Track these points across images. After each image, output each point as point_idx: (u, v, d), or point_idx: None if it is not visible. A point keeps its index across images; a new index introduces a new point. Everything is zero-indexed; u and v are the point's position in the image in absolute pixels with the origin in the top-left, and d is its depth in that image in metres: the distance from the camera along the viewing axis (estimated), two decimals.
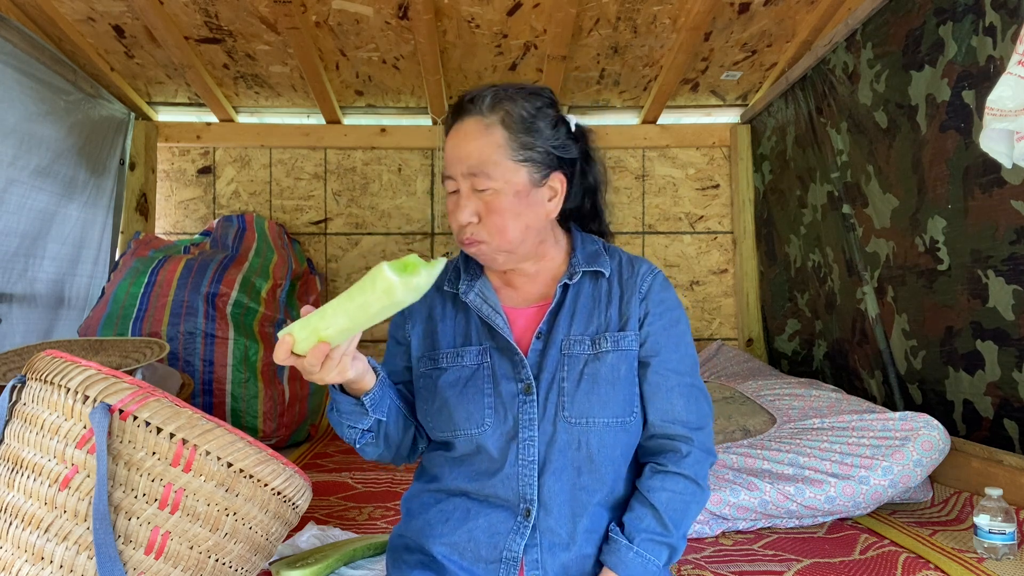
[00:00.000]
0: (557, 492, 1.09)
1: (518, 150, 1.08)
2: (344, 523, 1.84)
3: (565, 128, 1.15)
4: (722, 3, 2.71)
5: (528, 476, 1.08)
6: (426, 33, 2.82)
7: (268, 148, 3.68)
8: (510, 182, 1.07)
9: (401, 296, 0.89)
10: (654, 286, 1.16)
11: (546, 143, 1.10)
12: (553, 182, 1.12)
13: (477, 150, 1.07)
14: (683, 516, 1.09)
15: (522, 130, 1.08)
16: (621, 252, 1.23)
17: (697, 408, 1.13)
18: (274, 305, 3.00)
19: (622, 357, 1.11)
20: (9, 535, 0.95)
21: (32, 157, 2.66)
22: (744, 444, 2.01)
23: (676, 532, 1.08)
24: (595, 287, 1.16)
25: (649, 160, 3.72)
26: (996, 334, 1.89)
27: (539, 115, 1.11)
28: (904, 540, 1.69)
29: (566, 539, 1.09)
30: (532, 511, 1.08)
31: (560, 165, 1.13)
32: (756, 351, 3.57)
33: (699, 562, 1.60)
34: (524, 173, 1.08)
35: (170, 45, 2.91)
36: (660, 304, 1.15)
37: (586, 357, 1.11)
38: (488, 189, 1.07)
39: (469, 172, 1.07)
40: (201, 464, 0.97)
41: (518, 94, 1.11)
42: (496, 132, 1.07)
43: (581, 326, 1.13)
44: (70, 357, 1.01)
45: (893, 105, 2.26)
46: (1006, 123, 1.40)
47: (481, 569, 1.09)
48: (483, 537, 1.10)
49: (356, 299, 0.90)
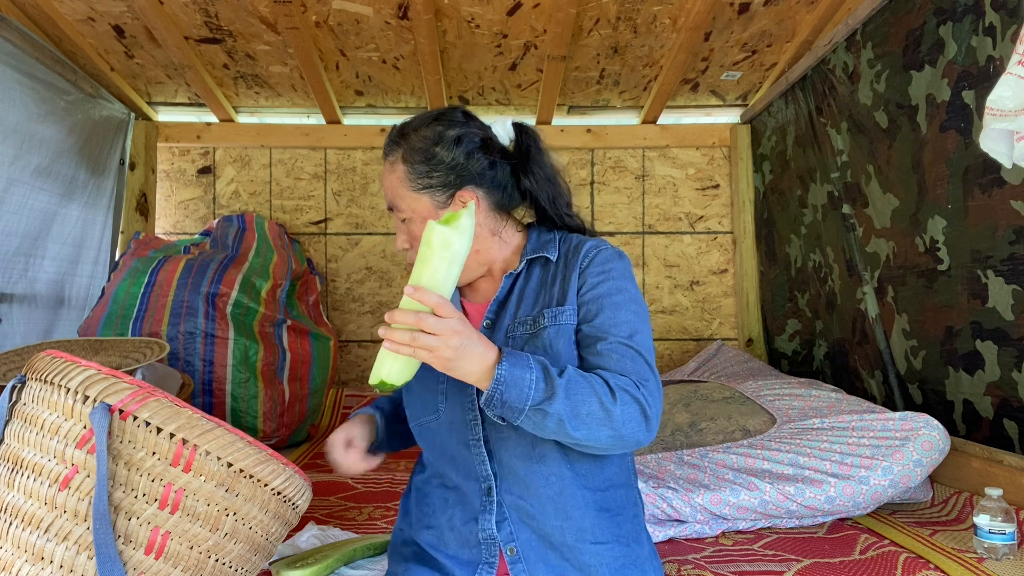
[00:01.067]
0: (513, 467, 1.13)
1: (415, 180, 1.18)
2: (344, 523, 1.84)
3: (466, 144, 1.19)
4: (722, 3, 2.71)
5: (479, 454, 1.14)
6: (426, 33, 2.82)
7: (268, 148, 3.68)
8: (416, 211, 1.18)
9: (457, 241, 0.98)
10: (596, 259, 1.18)
11: (444, 166, 1.18)
12: (462, 198, 1.19)
13: (389, 187, 1.21)
14: (576, 393, 1.01)
15: (417, 160, 1.18)
16: (580, 238, 1.24)
17: (634, 366, 1.07)
18: (274, 305, 3.00)
19: (559, 331, 1.13)
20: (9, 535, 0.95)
21: (33, 157, 2.66)
22: (744, 444, 2.02)
23: (561, 394, 1.00)
24: (544, 272, 1.21)
25: (649, 160, 3.72)
26: (996, 334, 1.89)
27: (434, 141, 1.18)
28: (904, 540, 1.69)
29: (534, 511, 1.12)
30: (492, 487, 1.13)
31: (467, 181, 1.19)
32: (756, 351, 3.57)
33: (699, 562, 1.60)
34: (426, 200, 1.18)
35: (170, 45, 2.91)
36: (600, 274, 1.16)
37: (526, 336, 1.15)
38: (405, 219, 1.20)
39: (389, 206, 1.22)
40: (201, 464, 0.97)
41: (420, 125, 1.21)
42: (398, 168, 1.19)
43: (527, 309, 1.18)
44: (70, 357, 1.01)
45: (893, 105, 2.26)
46: (1006, 123, 1.40)
47: (465, 554, 1.14)
48: (459, 523, 1.16)
49: (425, 267, 0.97)
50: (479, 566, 1.13)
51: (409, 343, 0.93)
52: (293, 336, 2.99)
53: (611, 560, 1.13)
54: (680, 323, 3.71)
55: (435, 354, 0.94)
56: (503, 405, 0.99)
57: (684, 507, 1.78)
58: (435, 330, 0.93)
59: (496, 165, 1.21)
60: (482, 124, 1.24)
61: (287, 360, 2.90)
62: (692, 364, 3.34)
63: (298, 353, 2.97)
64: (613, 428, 1.02)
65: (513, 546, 1.12)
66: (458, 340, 0.95)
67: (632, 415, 1.03)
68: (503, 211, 1.25)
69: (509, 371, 0.98)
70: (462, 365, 0.97)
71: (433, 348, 0.94)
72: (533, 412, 0.99)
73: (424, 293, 0.94)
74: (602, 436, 1.02)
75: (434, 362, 0.96)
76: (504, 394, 0.98)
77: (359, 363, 3.70)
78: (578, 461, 1.14)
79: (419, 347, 0.94)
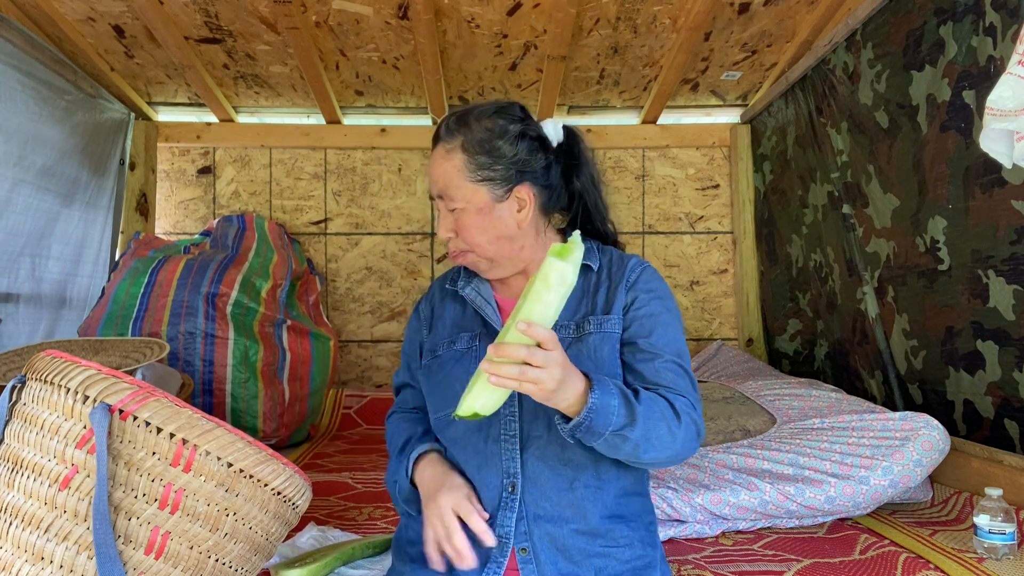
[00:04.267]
0: (542, 468, 1.13)
1: (475, 171, 1.17)
2: (344, 523, 1.84)
3: (528, 141, 1.20)
4: (722, 3, 2.71)
5: (510, 451, 1.14)
6: (426, 33, 2.82)
7: (268, 148, 3.68)
8: (471, 201, 1.17)
9: (572, 276, 0.97)
10: (643, 276, 1.21)
11: (506, 160, 1.17)
12: (519, 194, 1.19)
13: (442, 175, 1.18)
14: (651, 418, 1.04)
15: (480, 152, 1.17)
16: (618, 252, 1.29)
17: (687, 386, 1.13)
18: (274, 305, 2.99)
19: (604, 339, 1.15)
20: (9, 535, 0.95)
21: (37, 157, 2.67)
22: (744, 444, 2.01)
23: (641, 421, 1.02)
24: (584, 280, 1.23)
25: (649, 160, 3.72)
26: (996, 334, 1.89)
27: (498, 135, 1.18)
28: (904, 540, 1.69)
29: (553, 513, 1.12)
30: (517, 485, 1.13)
31: (526, 178, 1.19)
32: (756, 351, 3.57)
33: (699, 562, 1.60)
34: (484, 192, 1.17)
35: (170, 45, 2.91)
36: (649, 292, 1.19)
37: (569, 340, 1.16)
38: (456, 208, 1.18)
39: (439, 194, 1.19)
40: (201, 464, 0.97)
41: (481, 116, 1.19)
42: (456, 156, 1.17)
43: (568, 314, 1.19)
44: (70, 357, 1.01)
45: (893, 105, 2.26)
46: (1006, 123, 1.40)
47: (475, 551, 1.12)
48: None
49: (539, 302, 0.96)
50: (487, 564, 1.12)
51: (517, 377, 0.93)
52: (293, 336, 2.99)
53: (622, 564, 1.13)
54: None
55: (540, 386, 0.94)
56: (587, 431, 1.00)
57: (684, 507, 1.78)
58: (543, 363, 0.93)
59: (551, 166, 1.23)
60: (537, 123, 1.24)
61: (287, 360, 2.90)
62: (692, 364, 3.34)
63: (298, 353, 2.97)
64: (675, 449, 1.07)
65: (526, 546, 1.11)
66: (561, 372, 0.95)
67: (690, 436, 1.08)
68: (547, 211, 1.25)
69: (600, 399, 0.99)
70: (562, 395, 0.97)
71: (539, 381, 0.94)
72: (612, 436, 1.01)
73: (536, 329, 0.94)
74: (664, 456, 1.07)
75: (536, 394, 0.96)
76: (592, 421, 0.99)
77: (359, 363, 3.70)
78: (605, 468, 1.15)
79: (527, 380, 0.93)
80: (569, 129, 1.26)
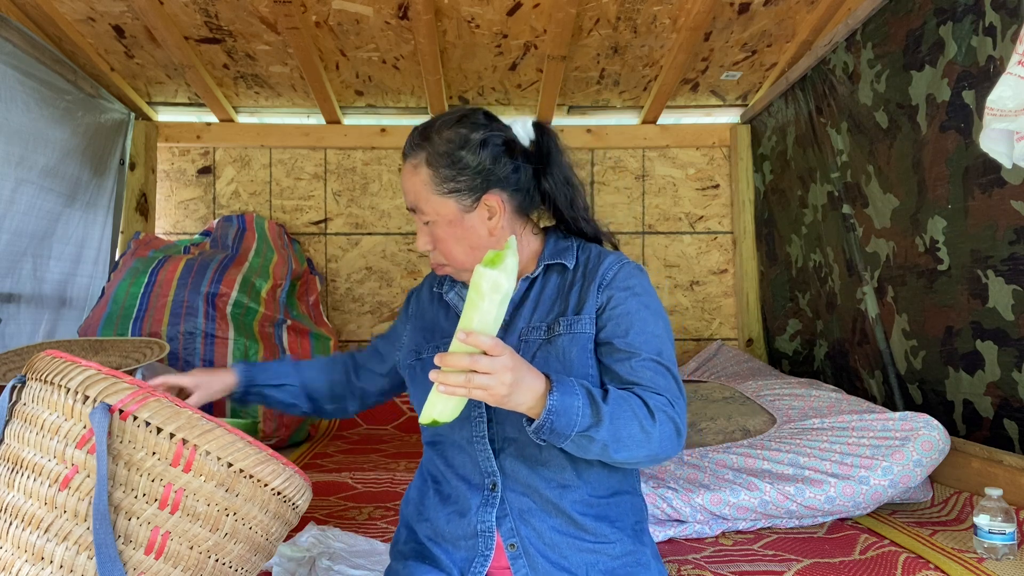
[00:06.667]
0: (520, 467, 1.15)
1: (441, 184, 1.17)
2: (344, 523, 1.84)
3: (492, 148, 1.18)
4: (722, 3, 2.71)
5: (484, 452, 1.16)
6: (426, 33, 2.82)
7: (268, 148, 3.68)
8: (441, 214, 1.18)
9: (506, 283, 0.98)
10: (620, 274, 1.18)
11: (470, 170, 1.17)
12: (488, 202, 1.18)
13: (411, 189, 1.19)
14: (620, 418, 1.02)
15: (443, 164, 1.17)
16: (599, 249, 1.26)
17: (666, 383, 1.09)
18: (274, 305, 2.99)
19: (574, 340, 1.14)
20: (9, 535, 0.95)
21: (39, 158, 2.67)
22: (744, 444, 2.01)
23: (607, 421, 1.01)
24: (561, 279, 1.22)
25: (649, 160, 3.72)
26: (996, 334, 1.89)
27: (459, 145, 1.17)
28: (904, 540, 1.69)
29: (537, 511, 1.14)
30: (497, 484, 1.15)
31: (493, 185, 1.19)
32: (756, 351, 3.57)
33: (699, 562, 1.60)
34: (452, 204, 1.17)
35: (170, 45, 2.91)
36: (626, 290, 1.16)
37: (540, 342, 1.16)
38: (428, 221, 1.19)
39: (411, 208, 1.21)
40: (201, 464, 0.97)
41: (442, 127, 1.19)
42: (422, 171, 1.18)
43: (542, 315, 1.19)
44: (70, 357, 1.01)
45: (893, 105, 2.26)
46: (1006, 123, 1.40)
47: (462, 545, 1.16)
48: (457, 516, 1.17)
49: (475, 311, 0.97)
50: (474, 559, 1.14)
51: (464, 384, 0.94)
52: (293, 336, 2.98)
53: (612, 560, 1.14)
54: (680, 323, 3.71)
55: (490, 392, 0.94)
56: (551, 432, 1.00)
57: (684, 507, 1.78)
58: (489, 369, 0.93)
59: (520, 168, 1.21)
60: (503, 125, 1.23)
61: None
62: (692, 364, 3.34)
63: (298, 353, 2.97)
64: (651, 448, 1.04)
65: (515, 542, 1.13)
66: (511, 376, 0.95)
67: (668, 434, 1.05)
68: (523, 214, 1.25)
69: (560, 400, 0.99)
70: (516, 398, 0.97)
71: (488, 387, 0.94)
72: (579, 437, 1.00)
73: (476, 337, 0.94)
74: (640, 456, 1.05)
75: (489, 399, 0.96)
76: (554, 423, 0.99)
77: None
78: (585, 468, 1.15)
79: (474, 387, 0.94)
80: (540, 126, 1.24)
